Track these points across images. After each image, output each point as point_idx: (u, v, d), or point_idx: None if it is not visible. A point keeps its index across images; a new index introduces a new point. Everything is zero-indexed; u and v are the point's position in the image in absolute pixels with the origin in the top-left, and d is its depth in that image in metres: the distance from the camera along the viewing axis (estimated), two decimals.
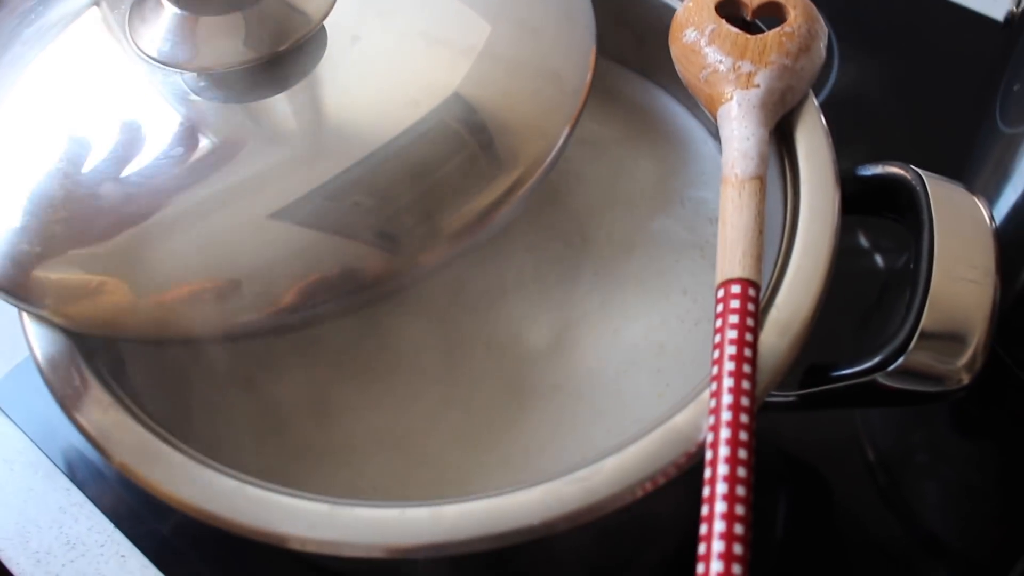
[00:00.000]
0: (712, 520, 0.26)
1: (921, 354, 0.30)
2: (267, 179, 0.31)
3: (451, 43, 0.33)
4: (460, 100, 0.32)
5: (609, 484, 0.27)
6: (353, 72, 0.33)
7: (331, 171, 0.31)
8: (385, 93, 0.33)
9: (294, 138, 0.33)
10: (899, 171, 0.33)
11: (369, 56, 0.33)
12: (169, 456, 0.29)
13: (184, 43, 0.32)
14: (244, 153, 0.32)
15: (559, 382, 0.35)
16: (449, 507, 0.27)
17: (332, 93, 0.33)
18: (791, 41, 0.34)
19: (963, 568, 0.39)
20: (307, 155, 0.32)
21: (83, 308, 0.31)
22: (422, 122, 0.31)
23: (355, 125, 0.32)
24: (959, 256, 0.31)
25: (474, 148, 0.32)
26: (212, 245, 0.31)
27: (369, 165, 0.31)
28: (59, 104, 0.34)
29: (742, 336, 0.28)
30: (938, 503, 0.42)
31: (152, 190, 0.31)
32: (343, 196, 0.31)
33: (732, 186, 0.32)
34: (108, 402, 0.30)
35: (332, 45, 0.33)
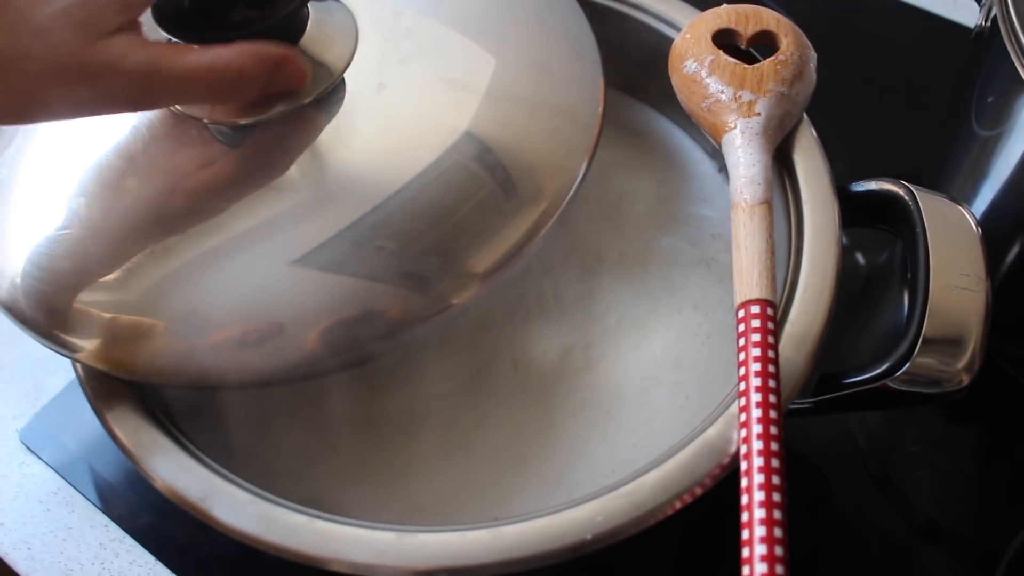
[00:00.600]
0: (752, 526, 0.28)
1: (925, 359, 0.32)
2: (297, 226, 0.32)
3: (469, 87, 0.35)
4: (480, 142, 0.34)
5: (653, 497, 0.30)
6: (376, 120, 0.34)
7: (355, 215, 0.32)
8: (407, 138, 0.34)
9: (320, 185, 0.34)
10: (891, 187, 0.36)
11: (391, 103, 0.35)
12: (236, 495, 0.31)
13: None
14: (273, 200, 0.33)
15: (585, 399, 0.38)
16: (507, 527, 0.29)
17: (356, 140, 0.34)
18: (785, 69, 0.37)
19: (959, 551, 0.42)
20: (332, 201, 0.33)
21: (118, 352, 0.32)
22: (445, 164, 0.33)
23: (379, 170, 0.33)
24: (953, 265, 0.34)
25: (497, 187, 0.34)
26: (245, 292, 0.32)
27: (396, 209, 0.32)
28: (89, 153, 0.35)
29: (765, 353, 0.31)
30: (932, 490, 0.44)
31: (181, 239, 0.32)
32: (370, 240, 0.32)
33: (743, 211, 0.34)
34: (170, 447, 0.32)
35: (355, 93, 0.34)
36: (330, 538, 0.29)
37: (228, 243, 0.32)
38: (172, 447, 0.32)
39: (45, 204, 0.34)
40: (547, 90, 0.36)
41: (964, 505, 0.43)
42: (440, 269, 0.32)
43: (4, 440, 0.46)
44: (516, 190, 0.34)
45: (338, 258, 0.32)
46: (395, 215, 0.32)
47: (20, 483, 0.45)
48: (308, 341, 0.31)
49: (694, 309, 0.39)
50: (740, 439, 0.30)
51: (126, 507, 0.44)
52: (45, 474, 0.45)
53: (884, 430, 0.46)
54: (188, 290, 0.32)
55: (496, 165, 0.34)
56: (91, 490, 0.45)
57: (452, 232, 0.32)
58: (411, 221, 0.32)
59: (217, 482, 0.31)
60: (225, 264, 0.32)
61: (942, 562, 0.42)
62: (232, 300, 0.32)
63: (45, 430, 0.46)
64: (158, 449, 0.32)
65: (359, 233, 0.32)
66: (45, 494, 0.45)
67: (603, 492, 0.30)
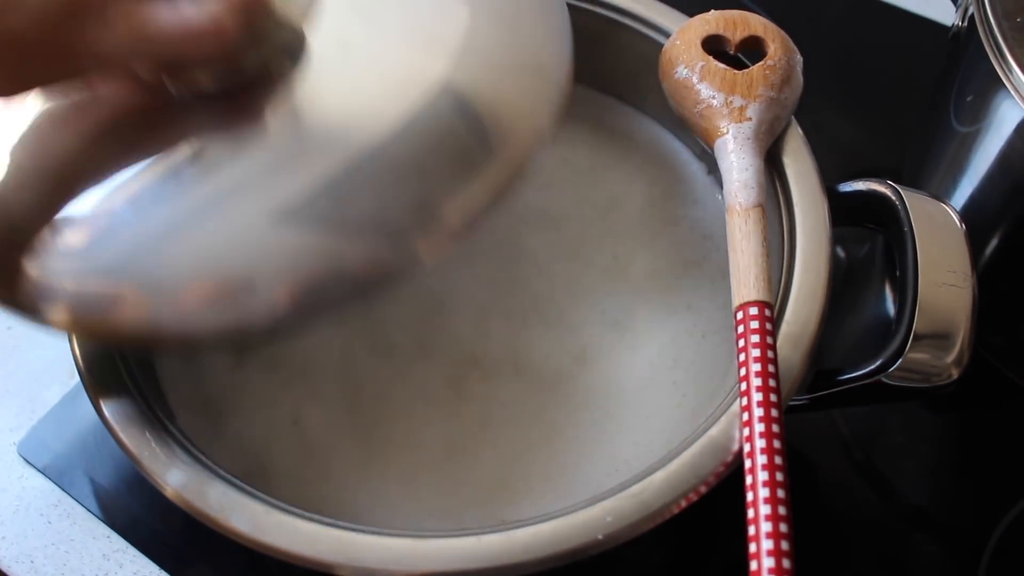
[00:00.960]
0: (759, 522, 0.29)
1: (916, 355, 0.34)
2: (262, 183, 0.31)
3: (435, 39, 0.33)
4: (449, 93, 0.32)
5: (660, 496, 0.31)
6: (341, 71, 0.33)
7: (321, 169, 0.31)
8: (373, 89, 0.32)
9: (286, 142, 0.32)
10: (879, 187, 0.37)
11: (357, 54, 0.33)
12: (252, 506, 0.31)
13: None
14: (239, 158, 0.32)
15: (585, 400, 0.38)
16: (520, 531, 0.30)
17: (321, 93, 0.33)
18: (774, 74, 0.38)
19: (946, 537, 0.43)
20: (298, 156, 0.32)
21: (98, 319, 0.31)
22: (412, 116, 0.31)
23: (346, 123, 0.32)
24: (939, 263, 0.35)
25: (467, 139, 0.32)
26: (213, 250, 0.30)
27: (362, 162, 0.31)
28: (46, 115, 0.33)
29: (765, 353, 0.32)
30: (917, 479, 0.45)
31: (148, 200, 0.31)
32: (337, 194, 0.30)
33: (737, 215, 0.35)
34: (186, 461, 0.32)
35: (318, 45, 0.33)
36: (349, 545, 0.30)
37: (193, 202, 0.31)
38: (183, 457, 0.33)
39: None
40: (517, 43, 0.34)
41: (949, 492, 0.44)
42: (412, 224, 0.30)
43: (2, 453, 0.46)
44: (486, 142, 0.32)
45: (306, 213, 0.30)
46: (362, 168, 0.31)
47: (20, 496, 0.45)
48: (279, 297, 0.30)
49: (688, 309, 0.40)
50: (743, 438, 0.31)
51: (128, 517, 0.44)
52: (45, 486, 0.45)
53: (868, 421, 0.47)
54: (154, 250, 0.31)
55: (465, 116, 0.32)
56: (92, 501, 0.45)
57: (422, 185, 0.31)
58: (379, 174, 0.31)
59: (232, 493, 0.32)
60: (191, 223, 0.31)
61: (930, 548, 0.43)
62: (200, 258, 0.30)
63: (43, 442, 0.47)
64: (169, 459, 0.32)
65: (325, 187, 0.30)
66: (45, 506, 0.45)
67: (612, 493, 0.31)
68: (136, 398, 0.35)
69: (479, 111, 0.32)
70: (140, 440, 0.34)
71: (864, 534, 0.44)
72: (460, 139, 0.32)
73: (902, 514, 0.44)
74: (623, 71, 0.45)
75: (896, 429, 0.47)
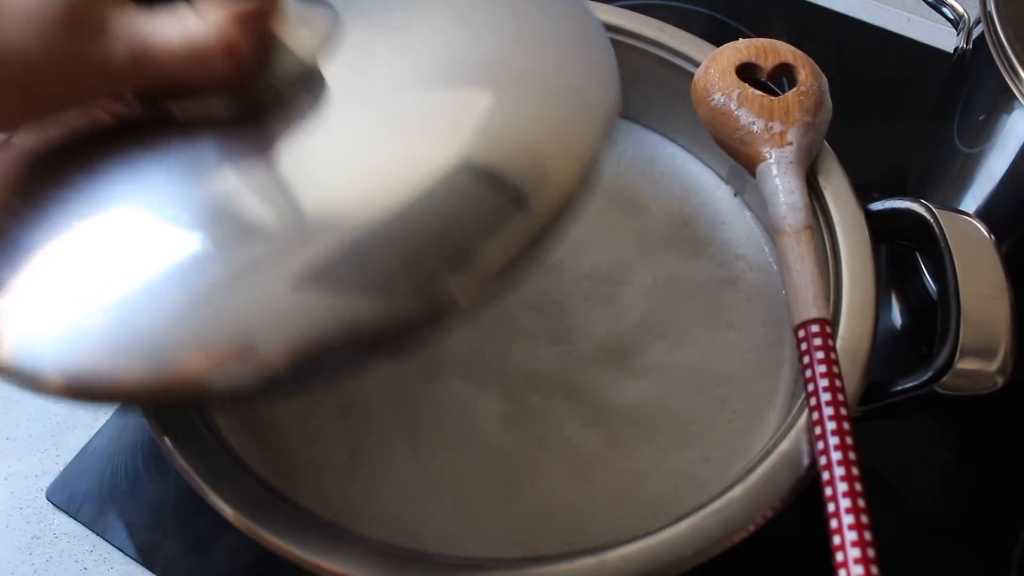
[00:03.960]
0: (843, 532, 0.30)
1: (964, 365, 0.35)
2: (273, 235, 0.29)
3: (469, 76, 0.31)
4: (480, 142, 0.29)
5: (743, 512, 0.32)
6: (360, 117, 0.31)
7: (340, 221, 0.28)
8: (400, 137, 0.30)
9: (300, 188, 0.29)
10: (912, 206, 0.39)
11: (378, 101, 0.31)
12: (311, 529, 0.31)
13: None
14: (249, 203, 0.29)
15: (637, 419, 0.39)
16: (611, 552, 0.31)
17: (333, 141, 0.30)
18: (808, 99, 0.39)
19: (970, 550, 0.44)
20: (322, 216, 0.29)
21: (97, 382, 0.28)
22: (437, 166, 0.29)
23: (368, 173, 0.30)
24: (978, 277, 0.36)
25: (501, 187, 0.29)
26: (222, 308, 0.28)
27: (390, 220, 0.28)
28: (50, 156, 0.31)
29: (831, 369, 0.33)
30: (934, 491, 0.46)
31: (148, 248, 0.29)
32: (371, 248, 0.28)
33: (788, 236, 0.36)
34: (250, 484, 0.32)
35: (337, 89, 0.31)
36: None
37: (195, 255, 0.28)
38: (269, 501, 0.32)
39: None
40: (553, 96, 0.31)
41: (969, 504, 0.45)
42: (443, 271, 0.28)
43: (30, 500, 0.45)
44: (523, 192, 0.29)
45: (330, 270, 0.28)
46: (386, 220, 0.28)
47: (53, 543, 0.44)
48: (287, 356, 0.27)
49: (729, 327, 0.41)
50: (817, 452, 0.32)
51: (167, 559, 0.44)
52: (78, 531, 0.44)
53: (882, 435, 0.48)
54: (153, 306, 0.28)
55: (501, 164, 0.30)
56: (128, 544, 0.44)
57: (453, 232, 0.28)
58: (404, 223, 0.28)
59: (298, 521, 0.32)
60: (197, 279, 0.28)
61: (954, 561, 0.43)
62: (206, 318, 0.28)
63: (72, 486, 0.46)
64: (257, 507, 0.32)
65: (348, 239, 0.28)
66: (80, 552, 0.44)
67: (692, 511, 0.32)
68: (196, 424, 0.35)
69: (515, 159, 0.30)
70: (201, 464, 0.33)
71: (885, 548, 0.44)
72: (495, 187, 0.29)
73: (922, 528, 0.45)
74: (646, 98, 0.46)
75: (911, 442, 0.48)
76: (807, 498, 0.32)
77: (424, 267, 0.28)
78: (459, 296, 0.28)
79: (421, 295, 0.28)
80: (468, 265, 0.28)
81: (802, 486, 0.32)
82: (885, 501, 0.46)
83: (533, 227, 0.29)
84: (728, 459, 0.38)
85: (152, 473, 0.45)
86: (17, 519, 0.45)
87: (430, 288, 0.28)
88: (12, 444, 0.47)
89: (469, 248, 0.28)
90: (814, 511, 0.31)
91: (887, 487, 0.47)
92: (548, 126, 0.31)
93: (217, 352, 0.27)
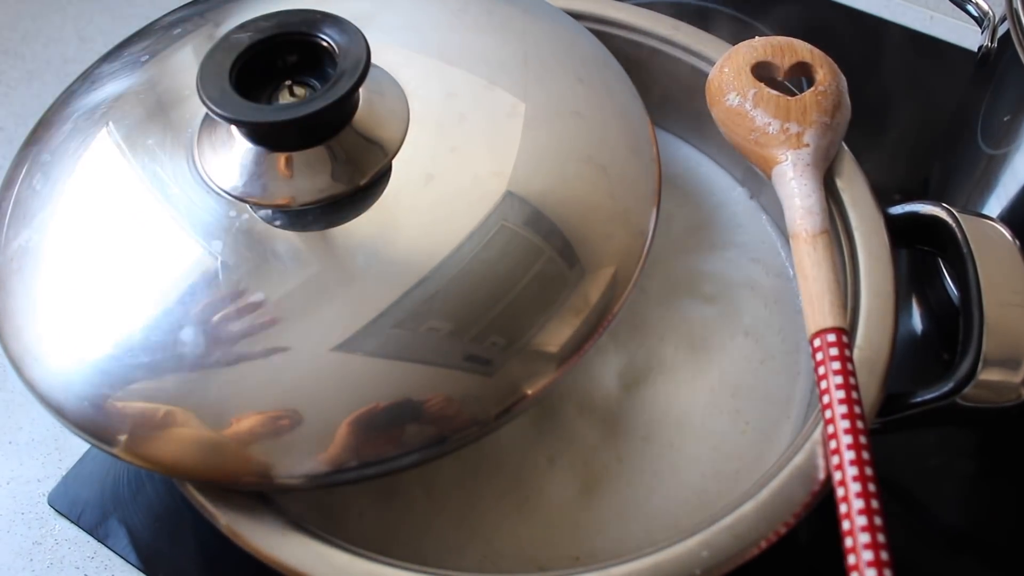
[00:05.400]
0: (858, 551, 0.29)
1: (987, 376, 0.34)
2: (341, 311, 0.32)
3: (520, 182, 0.34)
4: (528, 236, 0.33)
5: (754, 528, 0.30)
6: (422, 210, 0.33)
7: (403, 296, 0.31)
8: (454, 232, 0.33)
9: (369, 270, 0.32)
10: (933, 210, 0.37)
11: (439, 195, 0.34)
12: (337, 557, 0.30)
13: (260, 177, 0.33)
14: (321, 285, 0.32)
15: (649, 433, 0.38)
16: (617, 568, 0.30)
17: (402, 228, 0.33)
18: (826, 99, 0.38)
19: (993, 560, 0.43)
20: (380, 285, 0.32)
21: (158, 448, 0.31)
22: (493, 255, 0.32)
23: (425, 258, 0.32)
24: (1002, 284, 0.35)
25: (554, 272, 0.33)
26: (286, 381, 0.31)
27: (448, 290, 0.31)
28: (129, 235, 0.34)
29: (847, 380, 0.32)
30: (957, 501, 0.44)
31: (222, 327, 0.31)
32: (420, 321, 0.31)
33: (805, 241, 0.35)
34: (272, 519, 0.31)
35: (402, 181, 0.34)
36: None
37: (263, 330, 0.31)
38: (261, 511, 0.32)
39: (81, 296, 0.33)
40: (602, 189, 0.35)
41: (991, 516, 0.44)
42: (505, 350, 0.31)
43: (32, 505, 0.45)
44: (573, 271, 0.33)
45: (385, 342, 0.31)
46: (446, 297, 0.31)
47: (54, 549, 0.43)
48: (348, 437, 0.30)
49: (745, 336, 0.40)
50: (833, 466, 0.31)
51: (171, 566, 0.43)
52: (79, 537, 0.44)
53: (903, 445, 0.47)
54: (218, 380, 0.31)
55: (550, 261, 0.33)
56: (130, 551, 0.43)
57: (514, 310, 0.32)
58: (465, 302, 0.31)
59: (327, 550, 0.31)
60: (258, 352, 0.31)
61: (975, 574, 0.42)
62: (267, 391, 0.31)
63: (74, 492, 0.45)
64: (249, 515, 0.31)
65: (406, 315, 0.31)
66: (81, 559, 0.43)
67: (702, 526, 0.31)
68: None
69: (560, 259, 0.33)
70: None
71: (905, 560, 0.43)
72: (549, 271, 0.33)
73: (945, 539, 0.44)
74: (661, 98, 0.45)
75: (932, 452, 0.46)
76: (823, 515, 0.31)
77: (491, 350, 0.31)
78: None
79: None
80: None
81: (816, 502, 0.31)
82: (905, 512, 0.45)
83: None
84: (741, 471, 0.37)
85: (155, 480, 0.45)
86: (18, 524, 0.44)
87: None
88: (14, 448, 0.46)
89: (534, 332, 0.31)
90: (831, 530, 0.30)
91: (907, 498, 0.45)
92: (611, 208, 0.34)
93: None
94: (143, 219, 0.34)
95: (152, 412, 0.31)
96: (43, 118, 0.39)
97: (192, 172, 0.34)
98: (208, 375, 0.31)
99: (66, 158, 0.36)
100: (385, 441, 0.30)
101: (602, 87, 0.38)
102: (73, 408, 0.32)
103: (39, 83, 0.61)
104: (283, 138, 0.33)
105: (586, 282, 0.33)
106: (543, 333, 0.32)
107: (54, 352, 0.32)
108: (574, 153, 0.35)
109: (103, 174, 0.35)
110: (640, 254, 0.34)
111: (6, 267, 0.34)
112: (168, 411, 0.31)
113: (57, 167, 0.35)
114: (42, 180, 0.35)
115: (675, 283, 0.42)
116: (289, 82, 0.34)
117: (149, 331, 0.31)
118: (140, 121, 0.36)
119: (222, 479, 0.31)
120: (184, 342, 0.31)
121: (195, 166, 0.34)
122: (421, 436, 0.31)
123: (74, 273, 0.33)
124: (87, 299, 0.33)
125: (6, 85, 0.61)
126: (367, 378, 0.31)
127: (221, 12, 0.39)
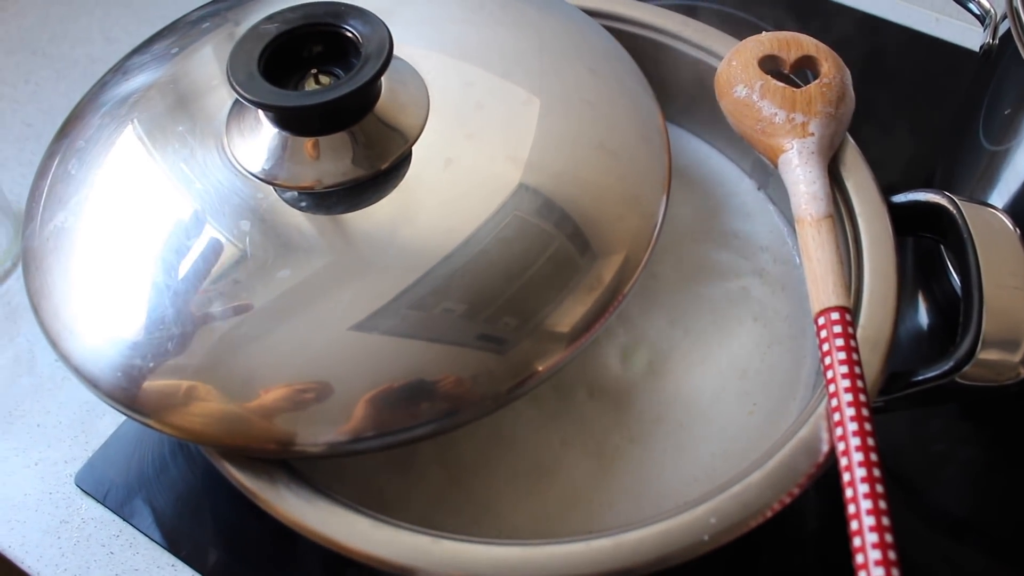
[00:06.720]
0: (860, 516, 0.30)
1: (987, 355, 0.35)
2: (359, 290, 0.33)
3: (535, 166, 0.35)
4: (542, 221, 0.34)
5: (761, 496, 0.31)
6: (442, 194, 0.35)
7: (419, 278, 0.33)
8: (472, 214, 0.34)
9: (389, 252, 0.34)
10: (934, 198, 0.39)
11: (457, 179, 0.35)
12: (360, 522, 0.32)
13: (286, 161, 0.34)
14: (343, 265, 0.34)
15: (659, 414, 0.39)
16: (627, 535, 0.31)
17: (421, 211, 0.34)
18: (831, 91, 0.39)
19: (993, 549, 0.43)
20: (398, 267, 0.33)
21: (187, 417, 0.32)
22: (508, 236, 0.33)
23: (442, 240, 0.33)
24: (1001, 268, 0.36)
25: (567, 254, 0.34)
26: (306, 357, 0.32)
27: (462, 272, 0.33)
28: (160, 215, 0.35)
29: (850, 356, 0.33)
30: (958, 488, 0.45)
31: (249, 303, 0.33)
32: (436, 302, 0.32)
33: (809, 225, 0.36)
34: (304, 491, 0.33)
35: (422, 165, 0.35)
36: (458, 556, 0.31)
37: (288, 306, 0.33)
38: (291, 482, 0.33)
39: (113, 271, 0.35)
40: (613, 174, 0.36)
41: (994, 503, 0.45)
42: (518, 329, 0.32)
43: (59, 485, 0.46)
44: (585, 254, 0.34)
45: (403, 322, 0.32)
46: (462, 278, 0.33)
47: (80, 528, 0.45)
48: (367, 409, 0.31)
49: (754, 320, 0.41)
50: (835, 438, 0.32)
51: (193, 545, 0.44)
52: (105, 516, 0.45)
53: (907, 432, 0.48)
54: (244, 353, 0.32)
55: (563, 243, 0.34)
56: (154, 530, 0.45)
57: (527, 291, 0.33)
58: (480, 283, 0.33)
59: (356, 518, 0.32)
60: (283, 328, 0.32)
61: (979, 561, 0.43)
62: (291, 365, 0.32)
63: (100, 472, 0.46)
64: (277, 485, 0.33)
65: (423, 295, 0.32)
66: (107, 537, 0.45)
67: (710, 495, 0.32)
68: None
69: (573, 244, 0.34)
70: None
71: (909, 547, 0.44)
72: (559, 253, 0.34)
73: (946, 526, 0.44)
74: (670, 91, 0.46)
75: (933, 438, 0.47)
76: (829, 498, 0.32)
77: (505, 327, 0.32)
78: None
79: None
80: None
81: (820, 473, 0.32)
82: (910, 499, 0.46)
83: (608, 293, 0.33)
84: (747, 451, 0.38)
85: (179, 460, 0.46)
86: (46, 504, 0.45)
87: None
88: (42, 431, 0.48)
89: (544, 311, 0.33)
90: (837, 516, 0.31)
91: (912, 485, 0.46)
92: (622, 192, 0.36)
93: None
94: (174, 200, 0.35)
95: (182, 384, 0.32)
96: (76, 109, 0.40)
97: (221, 156, 0.35)
98: (235, 349, 0.32)
99: (100, 144, 0.37)
100: (402, 413, 0.32)
101: (614, 79, 0.39)
102: (107, 380, 0.33)
103: (66, 82, 0.63)
104: (309, 123, 0.34)
105: (598, 264, 0.34)
106: (555, 313, 0.33)
107: (88, 326, 0.34)
108: (586, 139, 0.36)
109: (135, 158, 0.36)
110: (650, 237, 0.35)
111: (43, 247, 0.35)
112: (197, 383, 0.32)
113: (92, 152, 0.37)
114: (77, 165, 0.37)
115: (686, 269, 0.43)
116: (315, 71, 0.35)
117: (180, 306, 0.33)
118: (170, 109, 0.37)
119: (248, 446, 0.32)
120: (212, 316, 0.32)
121: (224, 150, 0.35)
122: (436, 409, 0.32)
123: (108, 251, 0.35)
124: (120, 276, 0.34)
125: (35, 84, 0.63)
126: (386, 354, 0.32)
127: (243, 10, 0.41)
